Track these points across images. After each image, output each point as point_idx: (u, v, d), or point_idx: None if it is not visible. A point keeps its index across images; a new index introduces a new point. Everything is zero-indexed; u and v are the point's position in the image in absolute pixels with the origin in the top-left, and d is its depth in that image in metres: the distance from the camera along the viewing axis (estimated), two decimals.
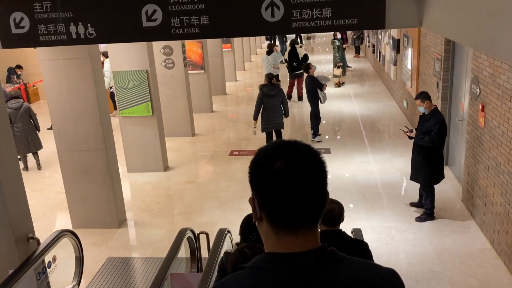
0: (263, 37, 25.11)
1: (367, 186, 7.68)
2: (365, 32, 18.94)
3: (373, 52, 16.64)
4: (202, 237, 5.11)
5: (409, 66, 10.23)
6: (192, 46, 12.07)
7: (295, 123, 11.71)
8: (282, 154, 1.15)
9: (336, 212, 3.36)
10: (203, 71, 12.27)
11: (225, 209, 7.15)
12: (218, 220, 6.84)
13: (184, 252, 5.04)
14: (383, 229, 6.34)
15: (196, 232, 5.08)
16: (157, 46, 10.12)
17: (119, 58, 8.18)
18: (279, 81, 11.00)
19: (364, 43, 19.69)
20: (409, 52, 10.19)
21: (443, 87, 7.83)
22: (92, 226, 6.78)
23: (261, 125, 8.62)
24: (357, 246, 3.33)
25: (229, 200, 7.45)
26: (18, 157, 8.74)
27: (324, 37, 26.55)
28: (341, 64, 14.49)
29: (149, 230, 6.77)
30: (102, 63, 11.93)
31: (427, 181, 6.41)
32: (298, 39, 23.58)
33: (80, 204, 6.74)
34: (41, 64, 6.15)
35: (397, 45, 11.65)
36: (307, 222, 1.16)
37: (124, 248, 6.33)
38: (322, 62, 19.17)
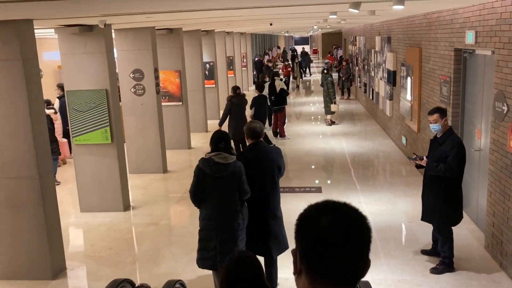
0: (250, 79, 24.32)
1: None
2: (356, 73, 18.17)
3: (365, 91, 15.74)
4: None
5: (408, 97, 9.17)
6: (169, 76, 10.96)
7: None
8: (331, 212, 1.15)
9: (258, 129, 4.52)
10: (180, 103, 11.10)
11: (192, 258, 5.68)
12: (181, 270, 5.40)
13: None
14: (392, 283, 4.95)
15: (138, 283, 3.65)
16: (126, 70, 8.98)
17: (74, 75, 6.97)
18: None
19: (354, 84, 18.87)
20: (408, 81, 9.16)
21: (453, 113, 6.70)
22: (19, 276, 5.29)
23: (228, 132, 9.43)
24: (274, 150, 4.64)
25: (197, 246, 6.01)
26: None
27: (313, 87, 25.84)
28: (336, 99, 13.54)
29: (91, 282, 5.29)
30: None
31: (444, 222, 5.10)
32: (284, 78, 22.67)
33: (4, 248, 5.27)
34: None
35: (393, 78, 10.67)
36: (346, 283, 1.14)
37: None
38: (310, 107, 18.20)
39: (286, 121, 12.79)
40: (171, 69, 10.89)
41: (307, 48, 50.33)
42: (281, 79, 13.30)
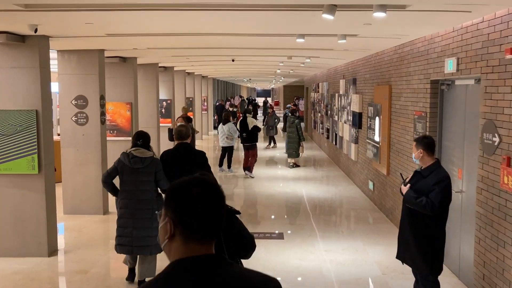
0: (211, 123, 23.57)
1: (338, 283, 5.42)
2: (318, 119, 17.78)
3: (328, 137, 15.26)
4: None
5: (376, 138, 8.60)
6: (119, 108, 10.01)
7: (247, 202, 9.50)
8: (197, 184, 1.46)
9: (183, 132, 5.42)
10: (130, 138, 10.07)
11: None
12: None
13: None
14: None
15: None
16: (68, 96, 7.99)
17: None
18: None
19: (316, 130, 18.43)
20: (376, 122, 8.62)
21: None
22: None
23: None
24: (198, 154, 5.46)
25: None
26: None
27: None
28: (303, 141, 13.00)
29: None
30: None
31: (429, 270, 4.27)
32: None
33: None
34: None
35: (358, 120, 10.16)
36: (213, 235, 1.46)
37: None
38: (270, 151, 17.52)
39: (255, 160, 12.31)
40: (122, 101, 9.96)
41: (269, 99, 50.65)
42: (252, 117, 12.89)
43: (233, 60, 11.10)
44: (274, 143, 18.09)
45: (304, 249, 6.55)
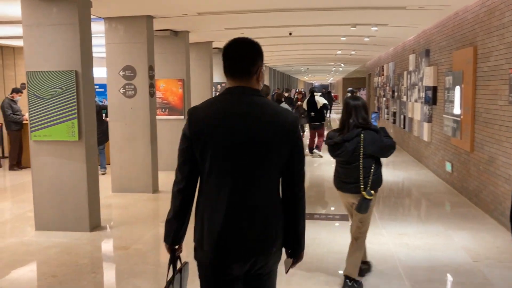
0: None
1: (416, 269, 4.48)
2: (382, 105, 16.53)
3: (394, 122, 14.03)
4: None
5: (457, 111, 7.45)
6: (171, 85, 9.50)
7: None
8: (235, 40, 2.10)
9: (264, 90, 6.21)
10: (182, 117, 9.56)
11: None
12: None
13: None
14: None
15: None
16: (116, 66, 7.53)
17: (37, 52, 5.51)
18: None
19: (382, 117, 17.16)
20: (456, 93, 7.47)
21: None
22: None
23: None
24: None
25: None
26: None
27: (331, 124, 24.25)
28: None
29: None
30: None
31: None
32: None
33: None
34: None
35: (433, 94, 9.00)
36: (240, 74, 2.08)
37: None
38: None
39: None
40: (174, 78, 9.44)
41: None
42: (320, 95, 12.08)
43: (290, 34, 10.27)
44: (302, 131, 16.86)
45: (373, 231, 5.59)
